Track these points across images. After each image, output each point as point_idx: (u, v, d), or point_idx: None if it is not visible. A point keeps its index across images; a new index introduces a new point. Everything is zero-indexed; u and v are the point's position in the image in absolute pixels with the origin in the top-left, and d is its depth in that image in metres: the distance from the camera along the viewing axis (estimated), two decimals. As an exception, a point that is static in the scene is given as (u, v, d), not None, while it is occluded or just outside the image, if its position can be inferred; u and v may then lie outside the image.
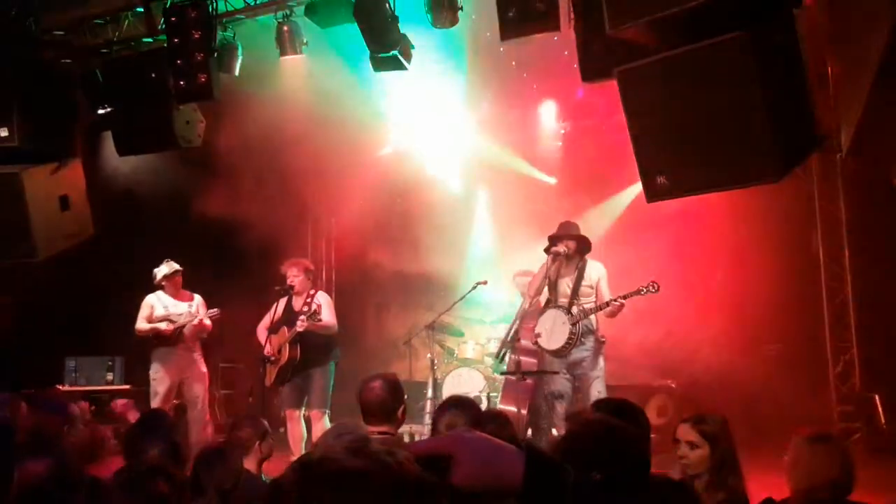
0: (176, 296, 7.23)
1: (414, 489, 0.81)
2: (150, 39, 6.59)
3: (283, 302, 6.63)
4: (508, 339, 6.22)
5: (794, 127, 3.84)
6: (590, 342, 6.26)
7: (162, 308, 7.14)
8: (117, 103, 6.42)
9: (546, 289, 6.56)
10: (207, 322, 7.11)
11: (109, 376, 8.27)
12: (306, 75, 7.44)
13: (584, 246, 6.49)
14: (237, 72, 6.57)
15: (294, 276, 6.57)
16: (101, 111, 6.45)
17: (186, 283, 7.38)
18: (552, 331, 6.30)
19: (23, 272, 7.59)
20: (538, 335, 6.42)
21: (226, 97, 6.51)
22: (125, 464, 2.57)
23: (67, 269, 7.09)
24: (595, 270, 6.38)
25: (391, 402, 3.26)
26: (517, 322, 6.20)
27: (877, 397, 7.67)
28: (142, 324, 7.08)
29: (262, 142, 8.32)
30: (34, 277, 7.28)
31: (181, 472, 2.42)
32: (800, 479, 2.74)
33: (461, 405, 2.94)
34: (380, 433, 3.15)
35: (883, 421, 7.52)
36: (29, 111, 6.00)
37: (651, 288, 5.95)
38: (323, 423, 6.32)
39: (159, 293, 7.20)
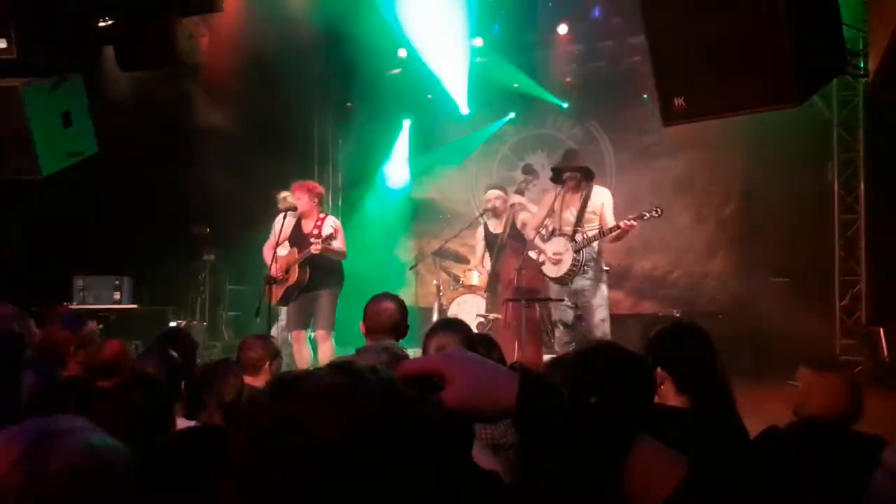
0: None
1: (396, 407, 0.77)
2: (150, -52, 6.32)
3: (289, 223, 6.58)
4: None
5: (819, 48, 3.67)
6: (592, 270, 6.23)
7: None
8: (118, 16, 6.21)
9: (549, 220, 6.51)
10: None
11: (117, 295, 8.31)
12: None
13: (588, 175, 6.41)
14: (241, -16, 6.35)
15: (297, 199, 6.52)
16: (101, 24, 6.24)
17: (195, 203, 7.31)
18: (555, 258, 6.27)
19: (27, 189, 7.55)
20: (542, 263, 6.40)
21: (229, 11, 6.30)
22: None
23: (71, 187, 7.02)
24: (598, 196, 6.32)
25: (401, 322, 3.47)
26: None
27: (881, 330, 7.68)
28: None
29: (267, 59, 8.12)
30: (39, 195, 7.24)
31: (172, 386, 2.42)
32: (805, 407, 2.73)
33: (451, 327, 2.90)
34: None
35: (886, 354, 7.54)
36: (28, 22, 5.81)
37: (654, 212, 5.89)
38: (329, 344, 6.38)
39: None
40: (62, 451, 1.09)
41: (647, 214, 5.93)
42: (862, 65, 4.36)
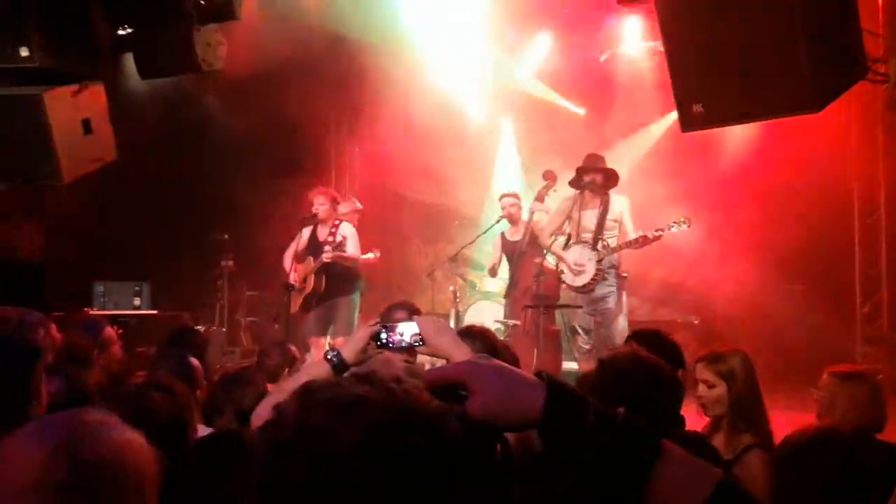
0: None
1: (420, 418, 0.77)
2: (170, -43, 6.40)
3: (307, 231, 6.63)
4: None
5: (838, 53, 3.64)
6: (612, 278, 6.21)
7: None
8: (137, 24, 6.29)
9: (566, 225, 6.48)
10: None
11: (137, 301, 8.38)
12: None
13: (610, 179, 6.36)
14: (259, -8, 6.40)
15: (320, 205, 6.57)
16: (121, 32, 6.32)
17: (214, 209, 7.37)
18: (578, 269, 6.24)
19: (49, 197, 7.64)
20: (562, 272, 6.37)
21: (247, 18, 6.36)
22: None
23: (92, 194, 7.09)
24: (619, 204, 6.28)
25: None
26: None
27: (903, 338, 7.59)
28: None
29: (284, 66, 8.17)
30: (60, 202, 7.32)
31: (188, 391, 2.43)
32: (829, 415, 2.70)
33: (475, 335, 2.88)
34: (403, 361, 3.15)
35: (908, 362, 7.45)
36: (48, 31, 5.88)
37: (683, 223, 5.84)
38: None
39: None
40: (98, 442, 1.10)
41: (675, 225, 5.88)
42: (882, 70, 4.32)
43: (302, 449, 0.75)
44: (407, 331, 1.85)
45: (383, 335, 1.87)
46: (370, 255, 7.01)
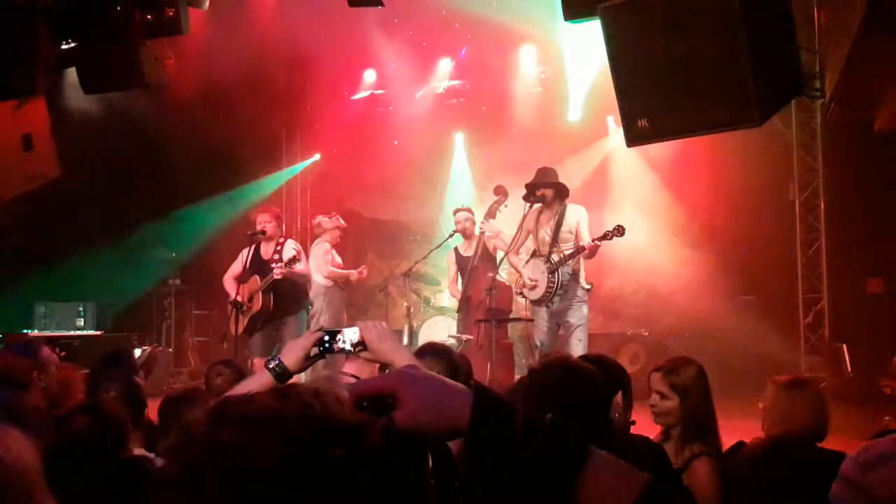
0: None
1: (338, 430, 0.75)
2: (115, -29, 6.30)
3: (250, 249, 6.47)
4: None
5: (778, 70, 3.76)
6: (573, 290, 6.23)
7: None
8: (81, 38, 6.16)
9: (529, 239, 6.51)
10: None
11: (80, 322, 8.14)
12: (280, 11, 7.21)
13: (562, 192, 6.41)
14: (206, 5, 6.32)
15: (266, 223, 6.42)
16: (64, 46, 6.18)
17: (160, 227, 7.23)
18: (532, 283, 6.27)
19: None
20: (522, 286, 6.39)
21: (195, 32, 6.28)
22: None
23: (33, 212, 6.89)
24: (574, 214, 6.31)
25: None
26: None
27: (844, 347, 7.80)
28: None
29: (234, 81, 8.08)
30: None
31: (130, 413, 2.36)
32: (774, 425, 2.74)
33: (437, 352, 2.87)
34: (351, 375, 3.12)
35: (849, 369, 7.66)
36: (-12, 45, 5.72)
37: (616, 232, 5.90)
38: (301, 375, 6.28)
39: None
40: None
41: (611, 234, 5.94)
42: (818, 86, 4.48)
43: (214, 468, 0.72)
44: (349, 337, 1.84)
45: (326, 340, 1.86)
46: (354, 272, 7.42)
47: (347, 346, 1.85)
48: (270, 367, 1.87)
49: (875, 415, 5.85)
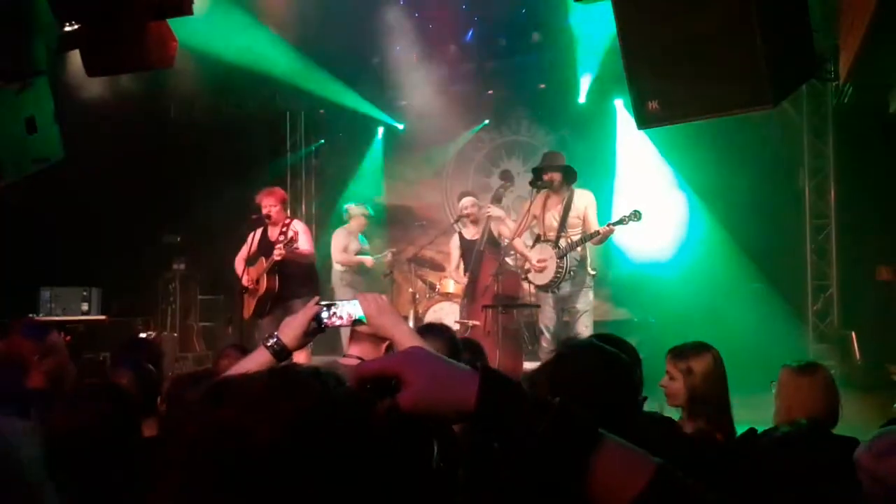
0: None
1: (340, 410, 0.74)
2: (119, -49, 6.22)
3: (258, 232, 6.52)
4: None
5: (791, 52, 3.69)
6: (580, 276, 6.19)
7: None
8: (85, 20, 6.09)
9: (535, 224, 6.47)
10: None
11: (85, 306, 8.13)
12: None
13: (569, 176, 6.36)
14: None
15: (271, 206, 6.46)
16: (67, 28, 6.12)
17: (165, 211, 7.19)
18: (540, 266, 6.23)
19: (-9, 198, 7.35)
20: (527, 271, 6.36)
21: (201, 15, 6.20)
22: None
23: (38, 195, 6.85)
24: (582, 200, 6.27)
25: None
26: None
27: (853, 334, 7.75)
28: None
29: (239, 63, 8.02)
30: (3, 203, 7.04)
31: (144, 396, 2.33)
32: (785, 410, 2.73)
33: (434, 331, 2.84)
34: (357, 358, 3.08)
35: (858, 357, 7.61)
36: (-10, 26, 5.66)
37: (634, 217, 5.85)
38: (306, 354, 6.28)
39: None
40: None
41: (627, 218, 5.88)
42: (832, 68, 4.41)
43: (212, 447, 0.70)
44: (349, 310, 1.81)
45: (324, 315, 1.83)
46: (381, 256, 8.17)
47: (346, 319, 1.82)
48: (269, 344, 1.84)
49: (884, 402, 5.80)
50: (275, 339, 1.83)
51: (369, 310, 1.79)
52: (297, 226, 6.49)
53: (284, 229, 6.35)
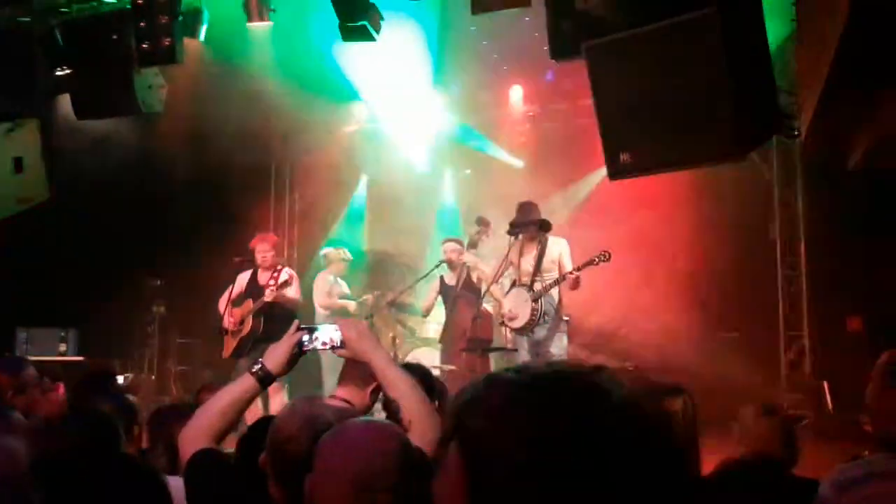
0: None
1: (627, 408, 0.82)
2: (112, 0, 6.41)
3: (246, 275, 6.59)
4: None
5: (758, 107, 3.89)
6: (552, 320, 6.29)
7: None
8: (77, 65, 6.25)
9: (510, 271, 6.59)
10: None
11: (62, 347, 8.07)
12: (274, 44, 7.34)
13: (544, 227, 6.53)
14: (202, 36, 6.44)
15: (265, 252, 6.57)
16: (59, 72, 6.26)
17: (147, 254, 7.22)
18: (513, 314, 6.33)
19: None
20: (504, 315, 6.45)
21: (190, 63, 6.38)
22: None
23: (17, 234, 6.88)
24: (556, 247, 6.43)
25: None
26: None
27: (825, 384, 7.84)
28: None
29: (227, 111, 8.17)
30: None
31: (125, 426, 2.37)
32: (742, 447, 2.80)
33: (412, 368, 2.90)
34: (342, 400, 3.13)
35: (831, 407, 7.69)
36: (-17, 69, 5.80)
37: (603, 257, 6.00)
38: (282, 396, 6.28)
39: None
40: None
41: (597, 259, 6.04)
42: (795, 125, 4.62)
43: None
44: (329, 334, 1.86)
45: (305, 339, 1.88)
46: (363, 300, 8.31)
47: (328, 344, 1.86)
48: (253, 371, 1.88)
49: (856, 452, 5.86)
50: (259, 366, 1.88)
51: (349, 334, 1.84)
52: (290, 271, 6.64)
53: (276, 274, 6.43)
